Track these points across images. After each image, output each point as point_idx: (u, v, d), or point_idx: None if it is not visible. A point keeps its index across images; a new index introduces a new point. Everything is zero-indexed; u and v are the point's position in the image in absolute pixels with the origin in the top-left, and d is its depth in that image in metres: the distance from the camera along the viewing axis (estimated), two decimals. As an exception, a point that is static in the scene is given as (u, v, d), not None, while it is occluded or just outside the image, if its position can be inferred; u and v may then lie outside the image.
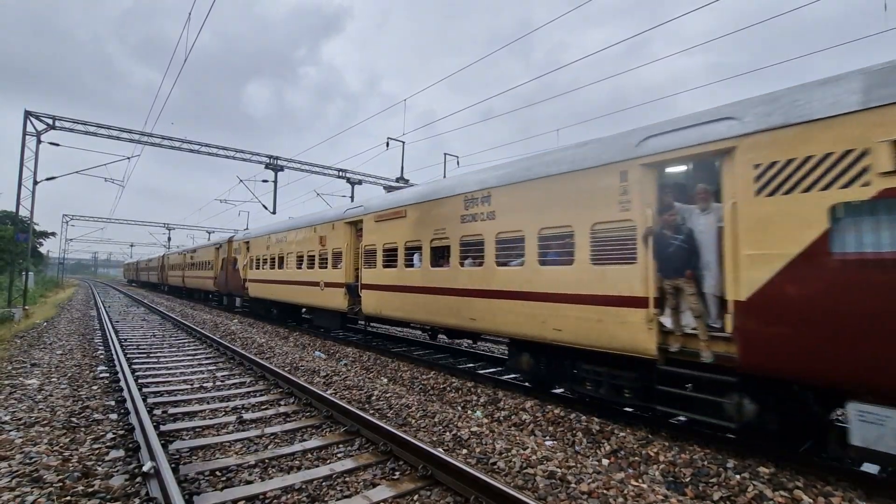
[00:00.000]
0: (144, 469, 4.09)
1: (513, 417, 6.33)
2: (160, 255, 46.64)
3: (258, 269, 18.06)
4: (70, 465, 4.32)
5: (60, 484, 3.90)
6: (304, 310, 16.77)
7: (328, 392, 6.97)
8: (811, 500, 4.00)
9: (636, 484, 4.23)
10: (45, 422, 5.48)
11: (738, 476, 4.39)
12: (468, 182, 8.22)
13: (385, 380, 8.51)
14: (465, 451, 4.94)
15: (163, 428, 5.35)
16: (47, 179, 21.36)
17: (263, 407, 6.49)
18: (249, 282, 18.86)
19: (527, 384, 7.72)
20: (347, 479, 4.26)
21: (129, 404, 6.13)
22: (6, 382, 7.24)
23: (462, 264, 8.11)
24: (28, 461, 4.32)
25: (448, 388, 7.76)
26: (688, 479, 4.43)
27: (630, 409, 6.30)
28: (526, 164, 7.34)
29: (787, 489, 4.17)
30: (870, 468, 4.64)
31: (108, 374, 8.13)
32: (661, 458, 4.85)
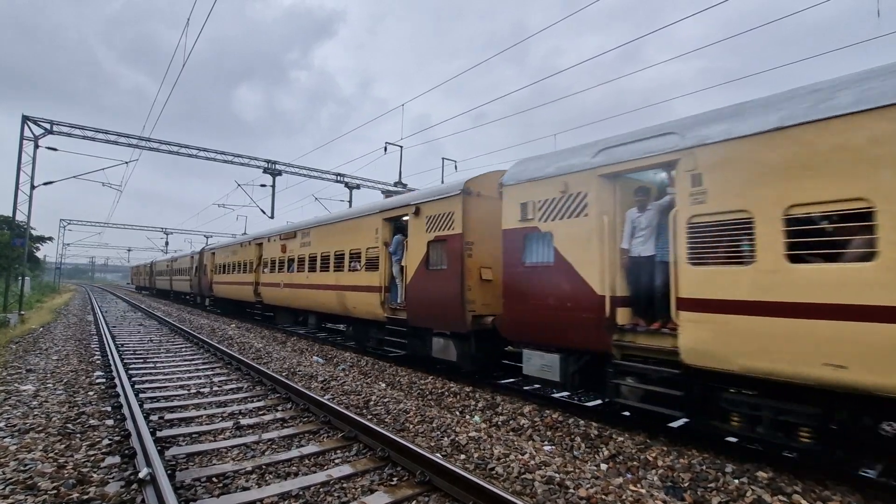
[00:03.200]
0: (140, 476, 4.06)
1: (511, 422, 6.32)
2: (194, 250, 30.39)
3: None
4: (65, 472, 4.28)
5: (55, 491, 3.87)
6: None
7: (326, 397, 6.95)
8: (810, 505, 4.00)
9: (635, 489, 4.22)
10: (39, 428, 5.43)
11: (736, 481, 4.38)
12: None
13: (383, 384, 8.49)
14: (463, 456, 4.92)
15: (159, 434, 5.31)
16: (45, 184, 21.29)
17: (261, 412, 6.46)
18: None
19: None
20: (345, 485, 4.24)
21: (125, 410, 6.08)
22: (1, 388, 7.18)
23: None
24: (22, 468, 4.28)
25: (446, 393, 7.74)
26: (686, 484, 4.42)
27: (627, 413, 6.32)
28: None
29: (785, 494, 4.16)
30: (869, 471, 4.65)
31: (104, 380, 8.07)
32: (660, 463, 4.84)
